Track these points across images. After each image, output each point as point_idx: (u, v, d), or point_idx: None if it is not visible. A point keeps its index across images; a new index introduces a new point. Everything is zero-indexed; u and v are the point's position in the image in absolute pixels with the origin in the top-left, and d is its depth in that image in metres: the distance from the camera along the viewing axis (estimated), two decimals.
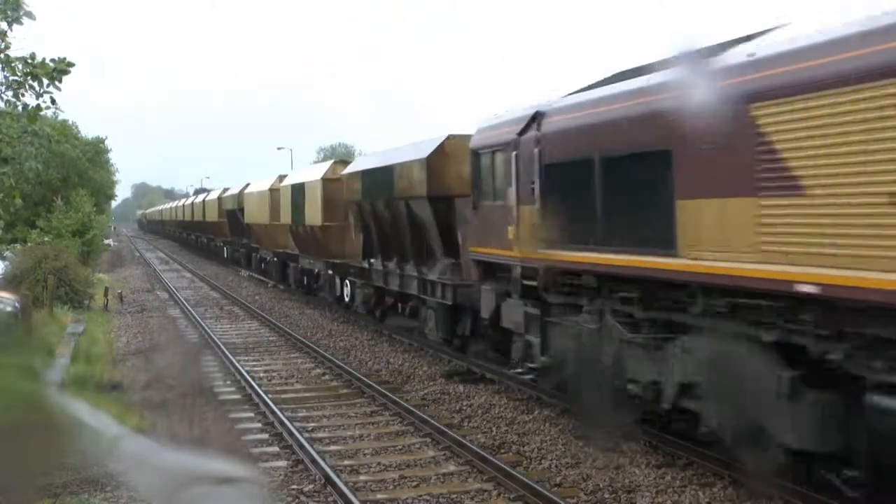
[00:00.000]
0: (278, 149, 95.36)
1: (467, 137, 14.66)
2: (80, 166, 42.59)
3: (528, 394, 13.12)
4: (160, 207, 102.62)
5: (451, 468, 9.90)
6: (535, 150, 11.45)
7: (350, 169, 22.26)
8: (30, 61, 9.83)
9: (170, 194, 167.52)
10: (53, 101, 10.13)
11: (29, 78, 9.85)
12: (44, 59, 9.89)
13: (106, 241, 55.39)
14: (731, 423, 8.41)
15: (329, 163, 25.99)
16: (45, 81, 9.87)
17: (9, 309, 16.87)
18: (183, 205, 68.16)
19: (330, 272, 24.47)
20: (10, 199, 12.65)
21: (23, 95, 10.13)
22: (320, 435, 11.37)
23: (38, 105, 10.21)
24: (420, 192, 16.82)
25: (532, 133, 11.62)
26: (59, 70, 9.81)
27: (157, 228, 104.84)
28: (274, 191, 31.33)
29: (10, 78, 9.94)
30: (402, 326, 19.66)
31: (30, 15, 9.83)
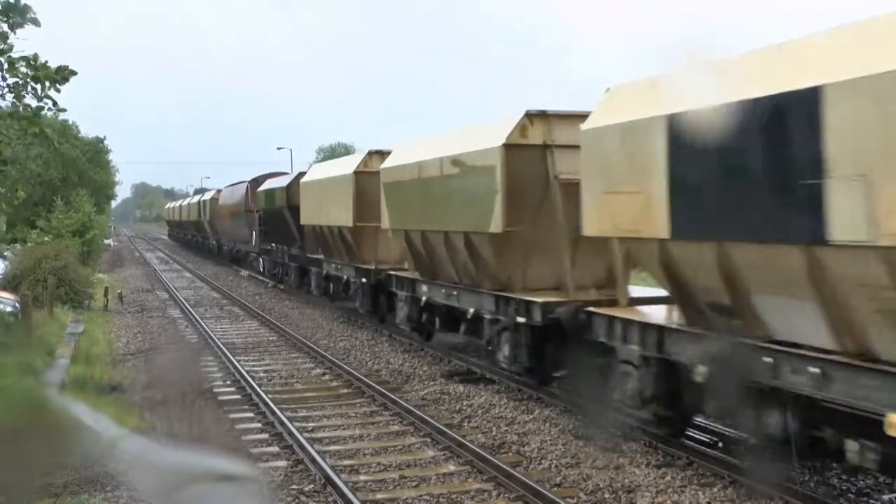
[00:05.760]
0: (278, 149, 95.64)
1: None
2: (80, 166, 42.65)
3: (528, 394, 13.11)
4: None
5: (451, 468, 9.90)
6: None
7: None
8: (32, 63, 9.82)
9: (170, 194, 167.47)
10: (55, 104, 10.12)
11: (31, 80, 9.84)
12: (45, 62, 9.88)
13: (106, 242, 55.44)
14: None
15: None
16: (47, 84, 9.86)
17: (9, 309, 16.89)
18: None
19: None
20: (14, 191, 12.69)
21: (24, 97, 10.12)
22: (320, 435, 11.37)
23: (40, 106, 10.20)
24: None
25: None
26: (62, 77, 9.80)
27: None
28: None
29: (12, 80, 9.93)
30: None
31: (35, 21, 9.81)
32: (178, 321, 23.85)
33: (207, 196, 53.07)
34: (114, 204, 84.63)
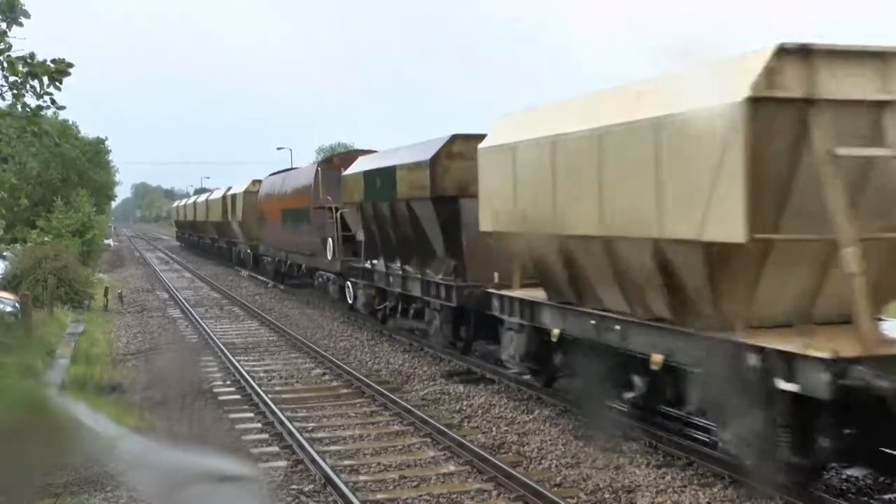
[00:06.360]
0: (278, 149, 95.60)
1: None
2: (80, 166, 42.66)
3: (528, 394, 13.11)
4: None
5: (451, 468, 9.90)
6: None
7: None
8: (29, 61, 9.82)
9: (170, 194, 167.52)
10: (53, 102, 10.12)
11: (29, 78, 9.85)
12: (44, 60, 9.88)
13: (106, 242, 55.46)
14: None
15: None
16: (46, 81, 9.86)
17: (9, 309, 16.89)
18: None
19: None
20: (15, 199, 12.68)
21: (23, 96, 10.12)
22: (320, 435, 11.37)
23: (39, 105, 10.20)
24: None
25: None
26: (59, 70, 9.80)
27: None
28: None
29: (11, 79, 9.93)
30: None
31: (25, 13, 9.82)
32: (178, 321, 23.85)
33: (239, 188, 39.51)
34: (114, 204, 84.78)
